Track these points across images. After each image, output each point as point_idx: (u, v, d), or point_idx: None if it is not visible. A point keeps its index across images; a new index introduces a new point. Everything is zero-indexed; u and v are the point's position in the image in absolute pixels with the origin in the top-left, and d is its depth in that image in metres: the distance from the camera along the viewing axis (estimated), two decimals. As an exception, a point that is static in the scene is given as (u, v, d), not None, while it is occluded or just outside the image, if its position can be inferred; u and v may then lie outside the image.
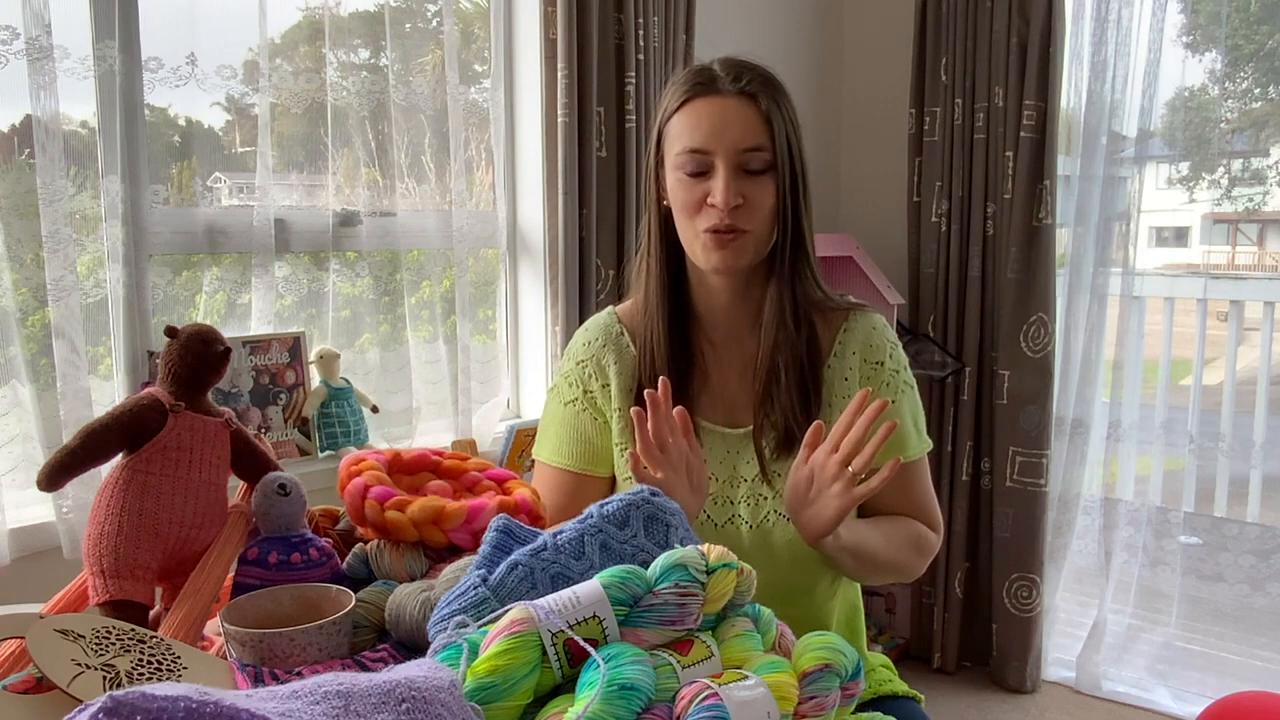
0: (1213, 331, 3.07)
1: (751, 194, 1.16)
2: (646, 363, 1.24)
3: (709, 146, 1.15)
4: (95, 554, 0.92)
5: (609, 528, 0.84)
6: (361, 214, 2.00)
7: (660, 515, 0.85)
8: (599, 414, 1.27)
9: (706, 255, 1.18)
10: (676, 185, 1.18)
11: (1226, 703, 1.57)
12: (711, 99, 1.16)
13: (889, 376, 1.25)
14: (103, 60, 1.62)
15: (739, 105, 1.16)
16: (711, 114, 1.16)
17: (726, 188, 1.14)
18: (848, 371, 1.24)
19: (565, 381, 1.30)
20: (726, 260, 1.18)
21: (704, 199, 1.16)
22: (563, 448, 1.28)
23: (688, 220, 1.18)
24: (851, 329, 1.26)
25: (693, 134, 1.16)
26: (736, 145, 1.15)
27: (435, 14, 2.18)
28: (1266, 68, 2.97)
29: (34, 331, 1.63)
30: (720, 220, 1.15)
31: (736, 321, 1.26)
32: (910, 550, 1.24)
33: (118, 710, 0.47)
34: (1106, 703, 2.66)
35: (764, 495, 1.23)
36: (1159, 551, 2.74)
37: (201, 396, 1.03)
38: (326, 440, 1.93)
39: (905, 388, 1.27)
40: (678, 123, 1.19)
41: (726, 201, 1.14)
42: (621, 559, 0.83)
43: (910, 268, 2.85)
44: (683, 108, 1.18)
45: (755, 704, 0.68)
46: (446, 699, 0.62)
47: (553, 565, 0.81)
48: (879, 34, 2.98)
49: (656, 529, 0.85)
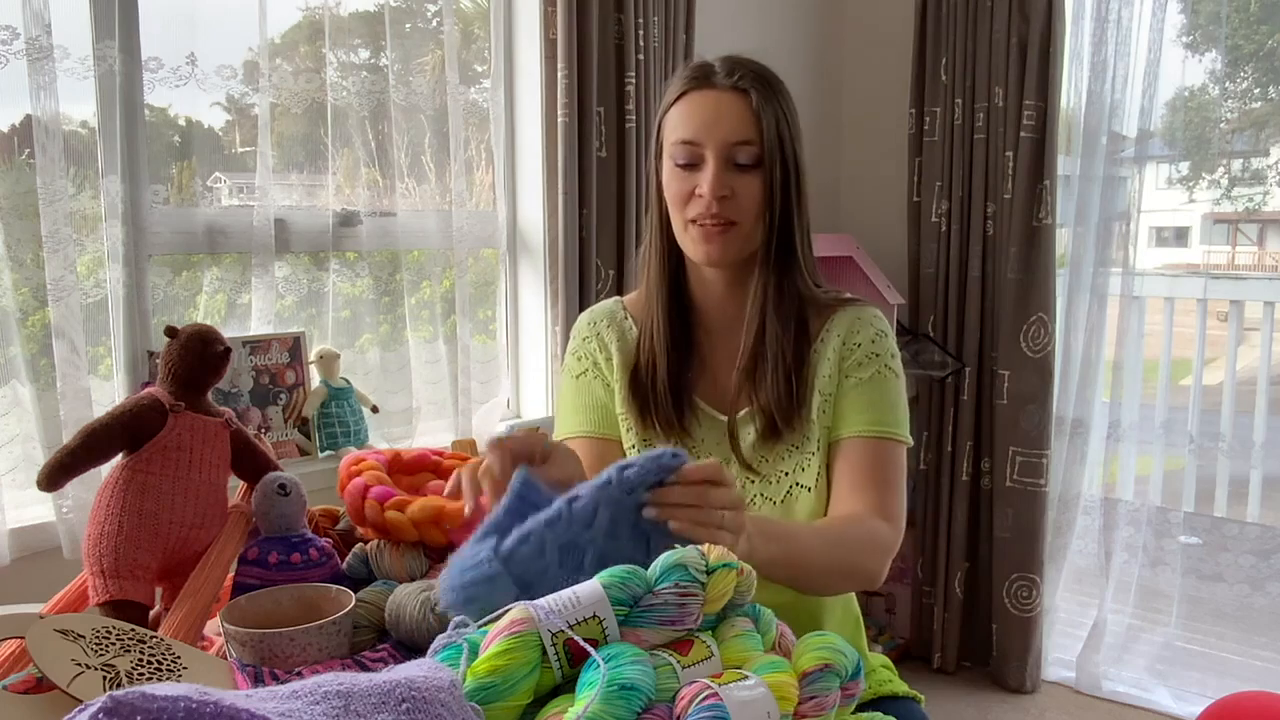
0: (1213, 331, 3.07)
1: (739, 187, 1.18)
2: (646, 346, 1.27)
3: (699, 139, 1.18)
4: (95, 554, 0.92)
5: (620, 494, 0.83)
6: (361, 214, 2.00)
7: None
8: (608, 381, 1.30)
9: (694, 246, 1.21)
10: (669, 176, 1.22)
11: (1226, 703, 1.57)
12: (705, 93, 1.19)
13: (863, 357, 1.24)
14: (103, 60, 1.62)
15: (731, 99, 1.18)
16: (704, 107, 1.18)
17: (714, 179, 1.16)
18: (829, 354, 1.25)
19: (574, 359, 1.33)
20: (713, 252, 1.20)
21: (693, 190, 1.19)
22: (582, 417, 1.30)
23: (678, 211, 1.21)
24: (839, 318, 1.27)
25: (685, 126, 1.19)
26: (726, 138, 1.17)
27: (435, 14, 2.18)
28: (1266, 68, 2.98)
29: (34, 331, 1.63)
30: (707, 210, 1.17)
31: (732, 312, 1.28)
32: (858, 551, 1.15)
33: (118, 710, 0.47)
34: (1106, 703, 2.66)
35: (752, 479, 1.25)
36: (1159, 551, 2.74)
37: (201, 396, 1.03)
38: (326, 440, 1.93)
39: (886, 372, 1.24)
40: (674, 115, 1.22)
41: (713, 191, 1.16)
42: (633, 527, 0.82)
43: (910, 268, 2.85)
44: (678, 101, 1.21)
45: (755, 704, 0.68)
46: (446, 699, 0.62)
47: (563, 534, 0.80)
48: (879, 34, 2.97)
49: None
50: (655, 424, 1.26)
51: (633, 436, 1.27)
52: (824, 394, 1.24)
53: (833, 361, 1.25)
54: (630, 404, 1.26)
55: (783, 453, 1.24)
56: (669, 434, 1.25)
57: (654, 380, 1.26)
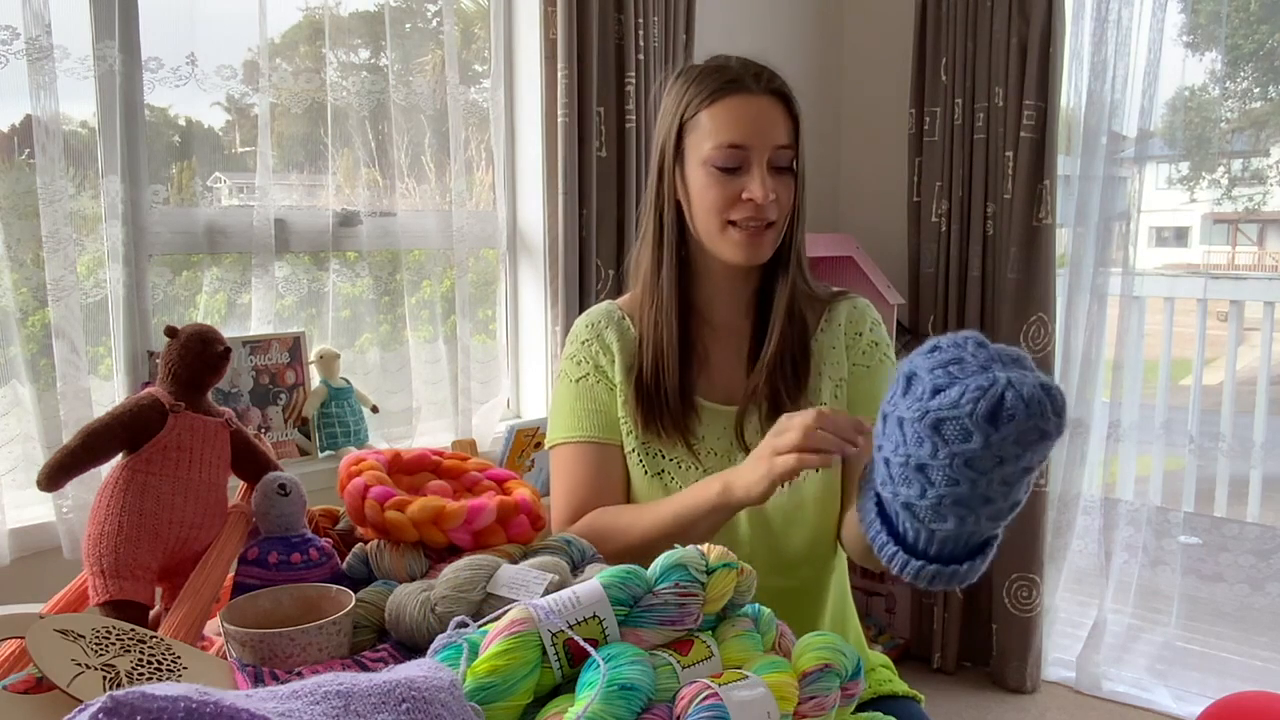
0: (1213, 331, 3.07)
1: (778, 189, 1.21)
2: (648, 346, 1.28)
3: (748, 142, 1.19)
4: (95, 554, 0.92)
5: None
6: (361, 214, 2.00)
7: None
8: (611, 384, 1.30)
9: (735, 249, 1.22)
10: (707, 180, 1.21)
11: (1226, 703, 1.57)
12: (745, 97, 1.20)
13: (867, 346, 1.31)
14: (103, 60, 1.62)
15: (770, 104, 1.21)
16: (749, 111, 1.20)
17: (765, 183, 1.19)
18: (835, 341, 1.30)
19: (573, 362, 1.32)
20: (758, 253, 1.23)
21: (737, 194, 1.20)
22: (581, 421, 1.30)
23: (714, 214, 1.22)
24: (836, 307, 1.33)
25: (731, 130, 1.19)
26: (773, 143, 1.20)
27: (435, 14, 2.18)
28: (1266, 67, 2.97)
29: (34, 331, 1.63)
30: (759, 214, 1.20)
31: (735, 309, 1.31)
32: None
33: (118, 710, 0.47)
34: (1106, 703, 2.66)
35: None
36: (1159, 551, 2.74)
37: (201, 396, 1.03)
38: (326, 440, 1.93)
39: (885, 359, 1.32)
40: (709, 120, 1.21)
41: (766, 196, 1.19)
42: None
43: (910, 268, 2.85)
44: (714, 104, 1.21)
45: (755, 704, 0.68)
46: (446, 699, 0.62)
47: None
48: (879, 34, 2.97)
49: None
50: (660, 427, 1.26)
51: (633, 440, 1.27)
52: (835, 379, 1.29)
53: (839, 349, 1.30)
54: (635, 409, 1.27)
55: None
56: (673, 435, 1.26)
57: (661, 385, 1.26)
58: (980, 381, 0.78)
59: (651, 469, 1.26)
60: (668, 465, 1.26)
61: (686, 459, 1.26)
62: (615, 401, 1.29)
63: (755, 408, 1.26)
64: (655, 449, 1.27)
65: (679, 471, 1.26)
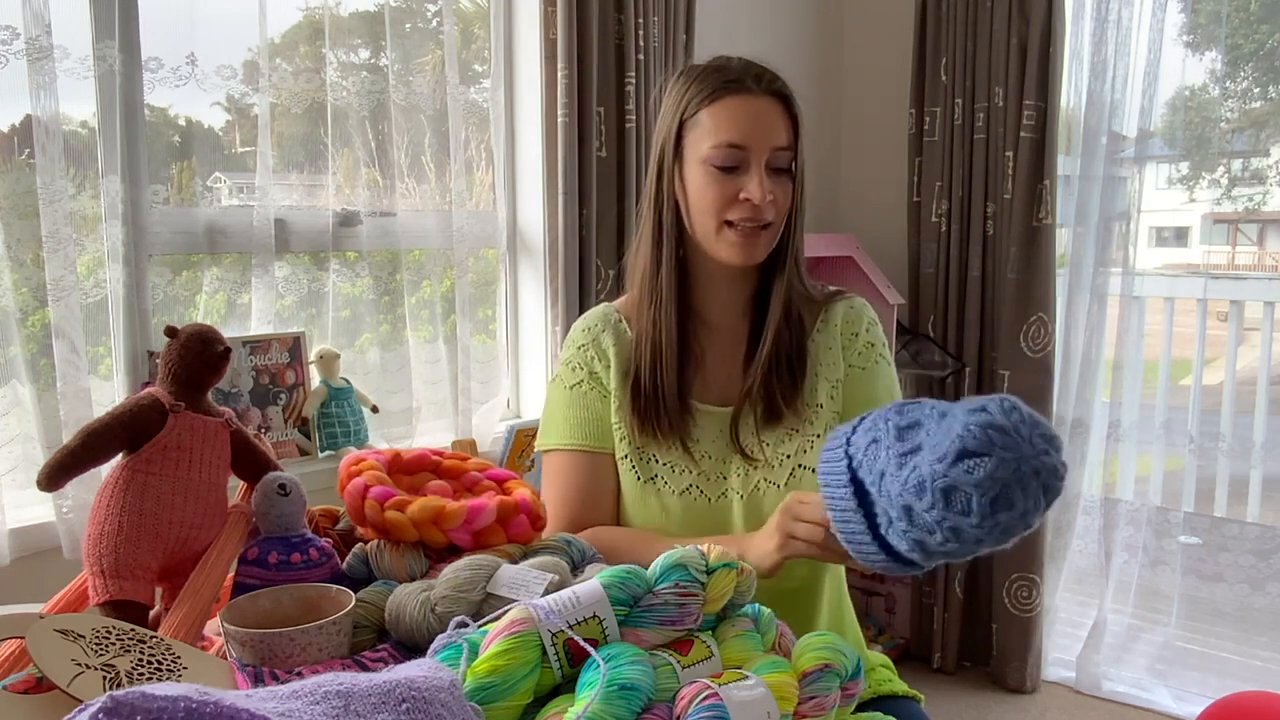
0: (1213, 331, 3.07)
1: (776, 191, 1.20)
2: (645, 347, 1.27)
3: (747, 142, 1.19)
4: (95, 554, 0.92)
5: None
6: (361, 214, 2.00)
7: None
8: (605, 391, 1.30)
9: (732, 249, 1.22)
10: (705, 180, 1.21)
11: (1226, 703, 1.57)
12: (746, 97, 1.20)
13: (863, 347, 1.31)
14: (103, 60, 1.62)
15: (771, 104, 1.21)
16: (749, 111, 1.19)
17: (763, 184, 1.18)
18: (831, 341, 1.30)
19: (568, 368, 1.32)
20: (753, 254, 1.22)
21: (735, 194, 1.19)
22: (575, 430, 1.30)
23: (712, 214, 1.21)
24: (833, 307, 1.32)
25: (731, 129, 1.19)
26: (773, 144, 1.20)
27: (435, 14, 2.18)
28: (1266, 67, 2.97)
29: (34, 331, 1.63)
30: (756, 214, 1.19)
31: (732, 309, 1.31)
32: None
33: (118, 710, 0.47)
34: (1106, 703, 2.66)
35: (754, 466, 1.26)
36: (1159, 551, 2.74)
37: (201, 396, 1.03)
38: (326, 440, 1.93)
39: (881, 360, 1.31)
40: (709, 119, 1.21)
41: (764, 197, 1.18)
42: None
43: (910, 268, 2.85)
44: (714, 103, 1.20)
45: (755, 704, 0.68)
46: (446, 699, 0.62)
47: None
48: (879, 34, 2.97)
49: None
50: (656, 430, 1.26)
51: (626, 446, 1.27)
52: (831, 380, 1.28)
53: (835, 350, 1.29)
54: (631, 413, 1.26)
55: (783, 436, 1.26)
56: (669, 436, 1.26)
57: (659, 389, 1.26)
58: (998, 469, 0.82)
59: (644, 474, 1.26)
60: (660, 470, 1.26)
61: (680, 462, 1.26)
62: (609, 409, 1.29)
63: (750, 409, 1.26)
64: (648, 454, 1.27)
65: (672, 476, 1.26)
